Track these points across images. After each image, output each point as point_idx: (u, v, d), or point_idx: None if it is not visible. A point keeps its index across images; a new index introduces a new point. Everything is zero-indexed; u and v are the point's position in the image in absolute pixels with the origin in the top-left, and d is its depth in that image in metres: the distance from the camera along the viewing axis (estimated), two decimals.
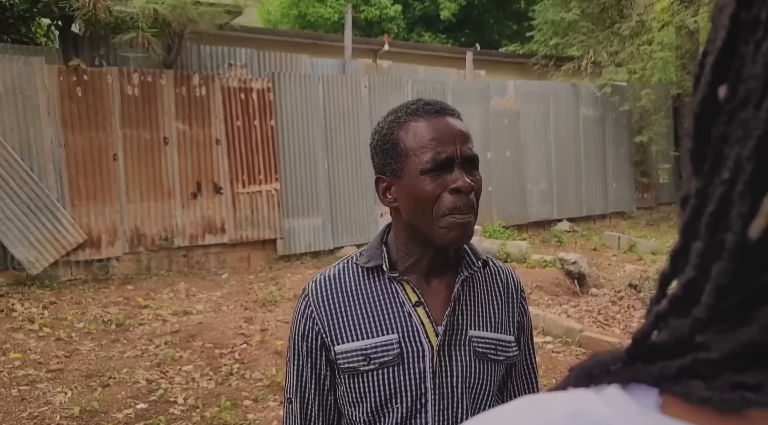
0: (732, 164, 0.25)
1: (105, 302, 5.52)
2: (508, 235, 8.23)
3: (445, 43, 14.57)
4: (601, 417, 0.27)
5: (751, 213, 0.24)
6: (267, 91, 7.21)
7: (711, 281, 0.26)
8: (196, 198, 6.84)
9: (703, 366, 0.25)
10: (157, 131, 6.64)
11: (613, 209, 10.17)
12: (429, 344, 1.02)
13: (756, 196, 0.24)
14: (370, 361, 1.02)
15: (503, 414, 0.31)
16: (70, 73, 6.14)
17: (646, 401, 0.27)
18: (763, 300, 0.24)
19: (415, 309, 1.04)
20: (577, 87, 9.76)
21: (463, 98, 8.56)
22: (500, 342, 1.08)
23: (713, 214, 0.26)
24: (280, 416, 3.49)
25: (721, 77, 0.27)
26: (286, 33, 10.56)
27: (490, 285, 1.11)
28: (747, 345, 0.24)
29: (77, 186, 6.22)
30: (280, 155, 7.30)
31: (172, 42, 6.78)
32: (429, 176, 0.99)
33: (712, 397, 0.24)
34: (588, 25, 10.29)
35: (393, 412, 1.02)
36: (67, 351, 4.36)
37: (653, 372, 0.27)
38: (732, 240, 0.25)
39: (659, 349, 0.28)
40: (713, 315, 0.26)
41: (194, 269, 6.78)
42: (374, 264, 1.06)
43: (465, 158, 1.00)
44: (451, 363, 1.03)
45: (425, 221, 1.00)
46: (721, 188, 0.26)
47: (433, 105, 1.03)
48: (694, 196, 0.28)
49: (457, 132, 1.01)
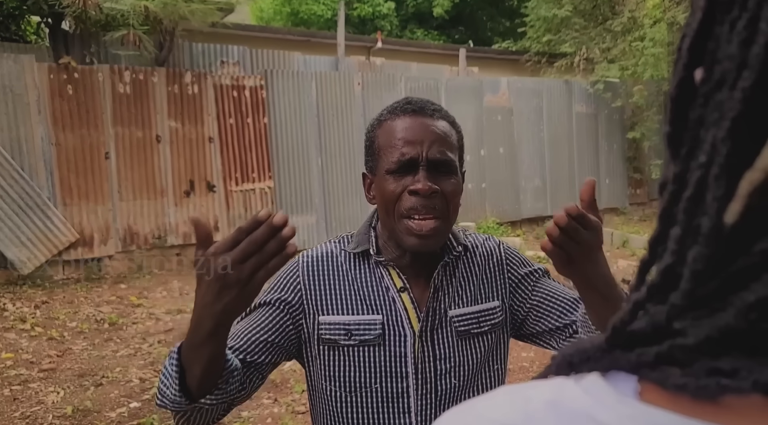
0: (708, 146, 0.25)
1: (98, 301, 5.50)
2: (502, 231, 8.25)
3: (438, 41, 14.57)
4: (580, 405, 0.27)
5: (726, 196, 0.24)
6: (260, 89, 7.18)
7: (687, 266, 0.25)
8: (189, 196, 6.82)
9: (680, 352, 0.25)
10: (150, 129, 6.61)
11: (605, 205, 10.20)
12: (411, 329, 1.03)
13: (731, 179, 0.24)
14: (351, 336, 1.02)
15: (484, 404, 0.30)
16: (60, 71, 6.09)
17: (625, 388, 0.27)
18: (740, 285, 0.24)
19: (399, 294, 1.04)
20: (569, 84, 9.78)
21: (457, 95, 8.56)
22: (482, 313, 1.08)
23: (690, 198, 0.26)
24: (275, 413, 3.49)
25: (697, 60, 0.27)
26: (279, 30, 10.53)
27: (470, 264, 1.11)
28: (722, 330, 0.24)
29: (68, 185, 6.19)
30: (273, 153, 7.28)
31: (163, 40, 6.74)
32: (393, 176, 0.98)
33: (687, 384, 0.24)
34: (580, 22, 10.31)
35: (373, 393, 1.02)
36: (59, 351, 4.34)
37: (631, 359, 0.27)
38: (707, 224, 0.25)
39: (638, 336, 0.27)
40: (691, 301, 0.26)
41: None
42: (362, 249, 1.07)
43: (431, 161, 0.97)
44: (434, 347, 1.04)
45: (390, 222, 1.01)
46: (697, 171, 0.25)
47: (413, 104, 1.02)
48: (671, 181, 0.28)
49: (427, 133, 0.98)
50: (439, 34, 15.41)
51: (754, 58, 0.23)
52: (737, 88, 0.23)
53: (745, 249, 0.24)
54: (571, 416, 0.27)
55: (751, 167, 0.23)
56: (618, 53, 9.53)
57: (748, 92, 0.23)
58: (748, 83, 0.23)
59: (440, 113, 1.03)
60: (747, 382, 0.23)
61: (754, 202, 0.24)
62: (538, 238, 8.66)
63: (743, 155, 0.24)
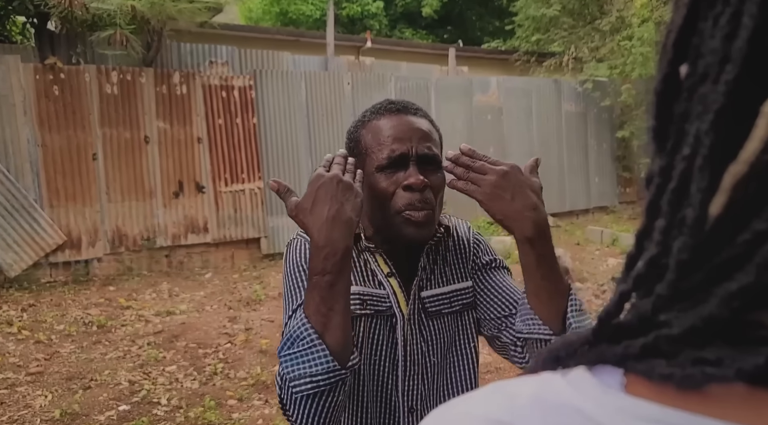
0: (692, 139, 0.25)
1: (86, 303, 5.44)
2: (492, 230, 8.26)
3: (427, 40, 14.58)
4: (567, 399, 0.27)
5: (710, 188, 0.25)
6: (249, 89, 7.15)
7: (672, 257, 0.26)
8: (178, 197, 6.77)
9: (665, 343, 0.25)
10: (138, 130, 6.55)
11: (595, 204, 10.26)
12: (400, 312, 1.06)
13: (715, 170, 0.25)
14: (366, 305, 1.04)
15: (470, 401, 0.31)
16: (46, 71, 6.03)
17: (611, 381, 0.27)
18: (723, 276, 0.24)
19: (387, 279, 1.07)
20: (558, 83, 9.82)
21: (447, 95, 8.57)
22: (453, 292, 1.11)
23: (675, 190, 0.26)
24: (265, 415, 3.47)
25: (681, 55, 0.27)
26: (268, 30, 10.48)
27: (447, 245, 1.14)
28: (706, 320, 0.24)
29: (55, 187, 6.12)
30: (262, 153, 7.25)
31: (151, 40, 6.69)
32: (384, 173, 1.01)
33: (673, 374, 0.25)
34: (569, 21, 10.36)
35: (370, 365, 1.04)
36: (47, 354, 4.29)
37: (617, 351, 0.27)
38: (692, 215, 0.25)
39: (624, 329, 0.28)
40: (676, 292, 0.26)
41: (177, 269, 6.71)
42: None
43: (421, 156, 1.01)
44: (420, 329, 1.07)
45: (383, 218, 1.03)
46: (682, 164, 0.26)
47: (396, 104, 1.06)
48: (657, 174, 0.28)
49: (414, 130, 1.02)
50: (428, 34, 15.43)
51: (737, 51, 0.23)
52: (720, 81, 0.24)
53: (729, 240, 0.24)
54: (558, 410, 0.27)
55: (734, 159, 0.24)
56: (607, 52, 9.58)
57: (731, 85, 0.24)
58: (731, 76, 0.24)
59: (421, 112, 1.08)
60: (731, 370, 0.23)
61: (737, 194, 0.24)
62: None
63: (727, 147, 0.24)
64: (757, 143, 0.23)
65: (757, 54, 0.23)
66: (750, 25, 0.23)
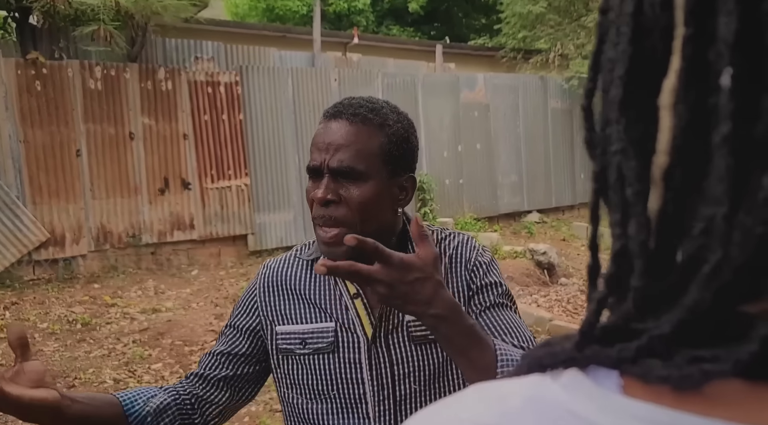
0: (614, 135, 0.27)
1: (70, 301, 5.39)
2: (479, 227, 8.29)
3: (414, 37, 14.58)
4: (561, 401, 0.26)
5: (638, 167, 0.26)
6: (235, 85, 7.10)
7: (632, 241, 0.26)
8: (163, 194, 6.71)
9: (660, 343, 0.25)
10: (122, 126, 6.49)
11: (581, 200, 10.33)
12: (364, 335, 1.02)
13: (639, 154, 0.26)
14: (305, 345, 1.04)
15: (456, 404, 0.29)
16: (28, 66, 5.95)
17: (608, 383, 0.26)
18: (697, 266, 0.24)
19: (352, 301, 1.04)
20: (545, 80, 9.87)
21: (434, 91, 8.58)
22: None
23: (616, 181, 0.27)
24: (252, 412, 3.46)
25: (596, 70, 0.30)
26: (254, 26, 10.42)
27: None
28: (692, 310, 0.24)
29: (38, 183, 6.05)
30: (249, 150, 7.21)
31: (135, 35, 6.62)
32: (309, 180, 1.01)
33: (670, 375, 0.24)
34: (555, 18, 10.40)
35: (331, 400, 1.02)
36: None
37: (612, 354, 0.26)
38: (631, 191, 0.26)
39: (612, 331, 0.27)
40: (651, 282, 0.25)
41: (163, 267, 6.67)
42: (315, 256, 1.08)
43: (332, 170, 0.96)
44: (389, 352, 1.01)
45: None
46: (614, 159, 0.27)
47: (336, 107, 1.01)
48: (593, 180, 0.29)
49: (332, 140, 0.96)
50: (415, 31, 15.42)
51: (622, 53, 0.27)
52: (614, 78, 0.27)
53: (683, 230, 0.25)
54: (553, 413, 0.26)
55: (655, 152, 0.25)
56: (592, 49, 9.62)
57: (624, 78, 0.26)
58: (621, 71, 0.27)
59: (360, 116, 0.98)
60: (728, 364, 0.23)
61: (671, 184, 0.25)
62: (515, 233, 8.74)
63: (646, 143, 0.26)
64: (666, 132, 0.25)
65: (640, 54, 0.26)
66: (628, 32, 0.27)
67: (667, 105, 0.25)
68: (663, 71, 0.25)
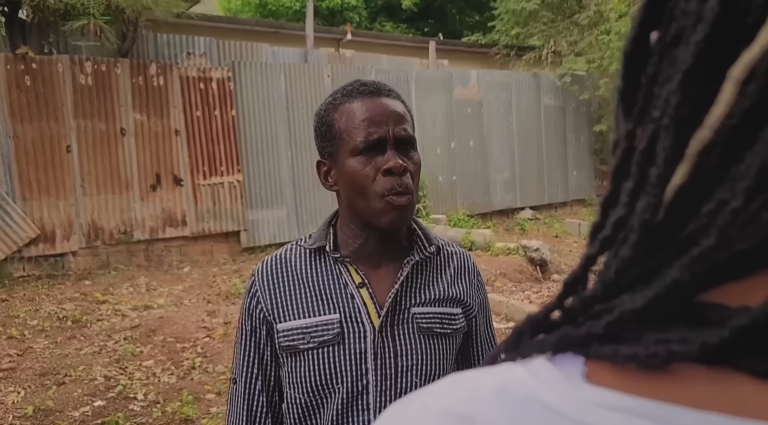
0: (661, 102, 0.25)
1: (60, 298, 5.35)
2: (472, 223, 8.30)
3: (407, 33, 14.55)
4: (529, 391, 0.26)
5: (675, 147, 0.24)
6: (227, 81, 7.07)
7: (635, 217, 0.25)
8: (155, 190, 6.68)
9: (630, 318, 0.25)
10: (114, 121, 6.44)
11: (573, 197, 10.37)
12: (371, 324, 1.02)
13: (681, 134, 0.24)
14: (309, 340, 1.02)
15: (430, 394, 0.30)
16: (17, 61, 5.89)
17: (572, 371, 0.26)
18: (689, 247, 0.24)
19: (358, 290, 1.03)
20: (538, 76, 9.88)
21: (427, 88, 8.57)
22: (446, 315, 1.07)
23: (643, 152, 0.26)
24: None
25: (654, 18, 0.27)
26: (246, 22, 10.36)
27: (442, 269, 1.11)
28: (670, 287, 0.24)
29: (28, 179, 6.00)
30: (242, 146, 7.18)
31: (126, 30, 6.57)
32: (362, 157, 0.98)
33: (636, 354, 0.24)
34: (548, 15, 10.41)
35: (335, 393, 1.01)
36: (19, 350, 4.21)
37: (581, 333, 0.26)
38: (655, 174, 0.25)
39: (588, 303, 0.27)
40: (640, 255, 0.25)
41: (155, 263, 6.63)
42: (318, 245, 1.06)
43: (398, 139, 0.99)
44: (395, 343, 1.02)
45: (363, 204, 1.00)
46: (650, 126, 0.25)
47: (368, 85, 1.02)
48: (623, 138, 0.27)
49: (390, 112, 0.99)
50: (408, 27, 15.39)
51: (709, 11, 0.23)
52: (691, 42, 0.24)
53: (694, 212, 0.24)
54: (521, 402, 0.26)
55: (700, 126, 0.24)
56: (585, 46, 9.65)
57: (701, 45, 0.23)
58: (701, 36, 0.23)
59: (394, 93, 1.04)
60: (695, 345, 0.23)
61: (702, 162, 0.24)
62: (508, 230, 8.75)
63: (694, 113, 0.24)
64: (723, 107, 0.23)
65: (729, 16, 0.23)
66: None
67: (736, 78, 0.22)
68: (748, 40, 0.22)
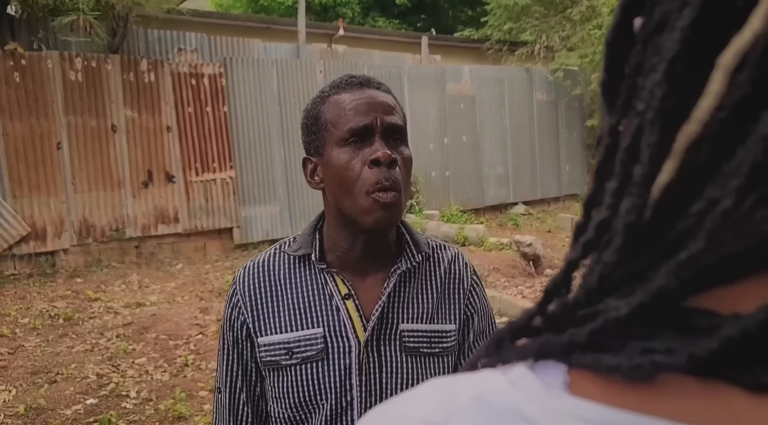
0: (646, 94, 0.23)
1: (52, 296, 5.32)
2: (465, 219, 8.31)
3: (400, 29, 14.52)
4: (507, 400, 0.25)
5: (660, 144, 0.23)
6: (219, 77, 7.03)
7: (620, 218, 0.24)
8: (147, 187, 6.64)
9: (614, 326, 0.23)
10: (104, 118, 6.40)
11: (566, 192, 10.39)
12: (356, 339, 0.96)
13: (667, 128, 0.22)
14: (292, 355, 0.96)
15: (407, 402, 0.28)
16: (6, 57, 5.83)
17: (553, 380, 0.25)
18: (676, 250, 0.22)
19: (344, 302, 0.97)
20: (530, 72, 9.88)
21: (419, 83, 8.56)
22: (435, 334, 1.00)
23: (627, 149, 0.24)
24: None
25: (637, 3, 0.25)
26: (238, 17, 10.30)
27: (430, 277, 1.03)
28: (655, 294, 0.22)
29: (18, 176, 5.95)
30: (234, 143, 7.15)
31: (116, 26, 6.52)
32: (348, 148, 0.92)
33: (620, 364, 0.23)
34: (540, 10, 10.42)
35: (318, 409, 0.96)
36: (10, 348, 4.19)
37: (563, 341, 0.25)
38: (640, 173, 0.23)
39: (570, 309, 0.26)
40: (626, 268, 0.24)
41: (147, 261, 6.60)
42: (303, 253, 0.99)
43: (387, 128, 0.92)
44: (380, 359, 0.97)
45: (349, 201, 0.92)
46: (635, 120, 0.24)
47: (357, 78, 0.98)
48: (606, 134, 0.26)
49: (378, 102, 0.94)
50: (401, 22, 15.36)
51: None
52: (677, 28, 0.22)
53: (682, 211, 0.23)
54: (497, 412, 0.25)
55: (687, 119, 0.22)
56: (577, 41, 9.66)
57: (687, 31, 0.22)
58: (687, 21, 0.22)
59: (384, 87, 0.99)
60: (682, 357, 0.22)
61: (690, 159, 0.22)
62: (501, 225, 8.77)
63: (681, 105, 0.22)
64: (712, 99, 0.21)
65: (712, 6, 0.21)
66: None
67: (726, 66, 0.21)
68: (738, 25, 0.21)
